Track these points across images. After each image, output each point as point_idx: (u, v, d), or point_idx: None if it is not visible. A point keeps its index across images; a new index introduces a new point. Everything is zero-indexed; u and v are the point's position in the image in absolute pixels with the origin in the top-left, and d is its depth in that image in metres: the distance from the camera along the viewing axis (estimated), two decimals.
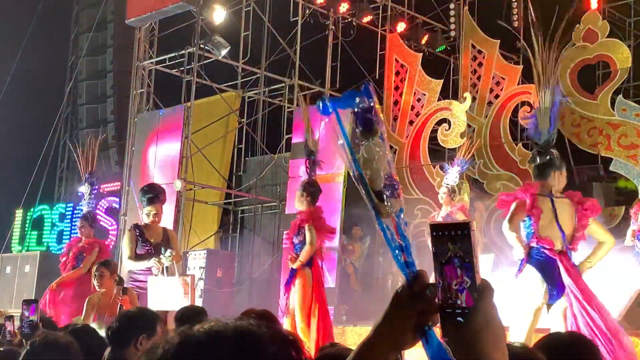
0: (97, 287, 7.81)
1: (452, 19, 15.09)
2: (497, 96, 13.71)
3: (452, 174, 11.31)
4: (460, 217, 11.11)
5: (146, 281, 7.96)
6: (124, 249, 8.49)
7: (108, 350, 4.01)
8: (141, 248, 8.23)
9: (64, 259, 9.96)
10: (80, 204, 11.77)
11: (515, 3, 14.80)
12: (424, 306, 1.42)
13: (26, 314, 5.08)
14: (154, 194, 8.28)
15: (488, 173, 13.41)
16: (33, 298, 8.74)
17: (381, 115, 1.46)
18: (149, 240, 8.22)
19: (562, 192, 6.69)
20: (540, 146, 6.79)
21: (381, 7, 14.99)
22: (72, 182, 19.62)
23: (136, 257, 8.19)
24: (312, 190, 8.52)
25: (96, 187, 10.53)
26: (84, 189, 10.50)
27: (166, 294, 7.61)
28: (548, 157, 6.65)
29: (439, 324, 1.38)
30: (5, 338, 5.24)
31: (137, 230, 8.32)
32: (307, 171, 8.78)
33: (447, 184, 11.19)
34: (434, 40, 15.20)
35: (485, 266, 11.19)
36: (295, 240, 8.40)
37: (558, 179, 6.64)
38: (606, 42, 12.92)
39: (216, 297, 12.00)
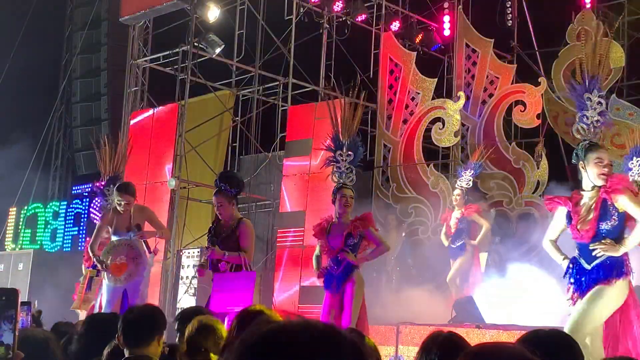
0: (120, 212, 8.34)
1: (446, 18, 15.11)
2: (491, 95, 13.75)
3: (465, 177, 11.36)
4: (477, 219, 11.11)
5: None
6: None
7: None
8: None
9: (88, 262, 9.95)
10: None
11: (509, 3, 14.82)
12: None
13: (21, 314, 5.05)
14: (217, 186, 7.60)
15: (482, 172, 13.43)
16: (26, 300, 8.77)
17: None
18: (220, 235, 7.62)
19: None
20: None
21: (375, 5, 15.00)
22: (66, 180, 19.60)
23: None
24: None
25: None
26: (108, 190, 10.17)
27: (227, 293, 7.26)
28: None
29: None
30: None
31: (213, 224, 7.78)
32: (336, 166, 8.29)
33: (461, 186, 11.25)
34: (428, 39, 15.21)
35: (480, 264, 11.22)
36: (350, 242, 7.76)
37: None
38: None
39: None
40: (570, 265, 5.66)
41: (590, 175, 5.57)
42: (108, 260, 8.28)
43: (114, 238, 8.56)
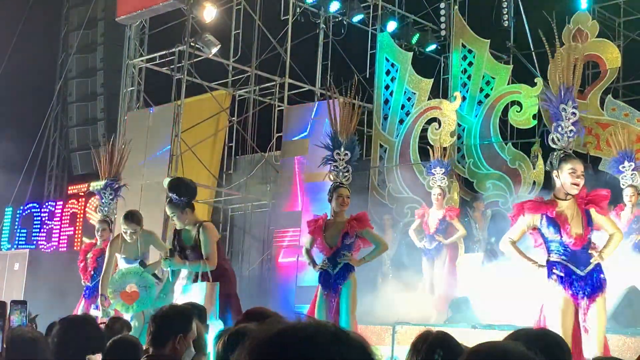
0: (128, 240, 8.46)
1: (442, 19, 15.11)
2: (487, 95, 13.75)
3: (438, 176, 11.32)
4: (456, 223, 11.10)
5: None
6: None
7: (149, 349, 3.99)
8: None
9: (82, 264, 9.90)
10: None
11: (506, 3, 14.83)
12: None
13: (14, 314, 5.03)
14: (168, 196, 7.55)
15: (478, 172, 13.44)
16: (22, 299, 8.75)
17: None
18: (187, 247, 7.61)
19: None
20: None
21: (372, 6, 15.00)
22: (62, 180, 19.57)
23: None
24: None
25: (119, 193, 10.25)
26: (105, 192, 10.09)
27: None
28: None
29: None
30: None
31: (174, 234, 7.75)
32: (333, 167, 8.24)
33: (440, 185, 11.22)
34: (425, 39, 15.22)
35: (475, 264, 11.23)
36: (347, 242, 7.82)
37: None
38: (596, 42, 12.97)
39: None
40: (557, 271, 5.86)
41: (565, 185, 5.81)
42: (115, 292, 8.25)
43: (123, 265, 8.57)
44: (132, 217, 8.61)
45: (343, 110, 8.44)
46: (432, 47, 15.37)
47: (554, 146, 6.04)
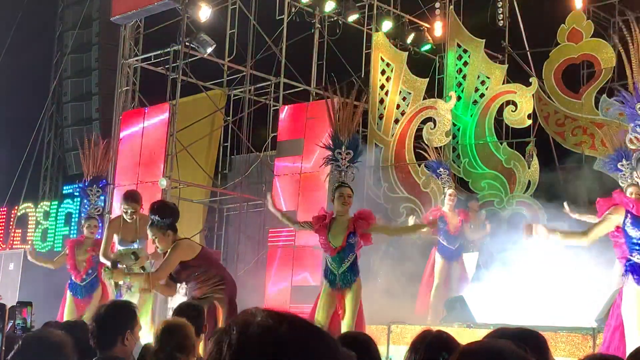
0: (128, 220, 8.57)
1: (437, 18, 15.11)
2: (482, 95, 13.75)
3: (445, 177, 11.21)
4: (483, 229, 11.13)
5: None
6: None
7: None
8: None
9: (72, 262, 9.74)
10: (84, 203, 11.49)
11: (501, 2, 14.84)
12: None
13: (19, 315, 5.02)
14: (150, 219, 7.32)
15: (473, 172, 13.45)
16: (17, 299, 8.76)
17: None
18: None
19: None
20: None
21: (367, 5, 15.00)
22: (57, 180, 19.55)
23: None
24: None
25: (107, 191, 10.24)
26: (92, 190, 10.03)
27: None
28: None
29: None
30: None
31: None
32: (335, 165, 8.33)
33: (452, 186, 11.10)
34: (420, 39, 15.22)
35: (471, 263, 11.25)
36: (352, 241, 7.84)
37: None
38: (590, 41, 13.00)
39: None
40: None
41: None
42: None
43: (120, 247, 8.58)
44: (132, 197, 8.73)
45: (344, 109, 8.44)
46: (427, 46, 15.37)
47: (631, 147, 6.00)
